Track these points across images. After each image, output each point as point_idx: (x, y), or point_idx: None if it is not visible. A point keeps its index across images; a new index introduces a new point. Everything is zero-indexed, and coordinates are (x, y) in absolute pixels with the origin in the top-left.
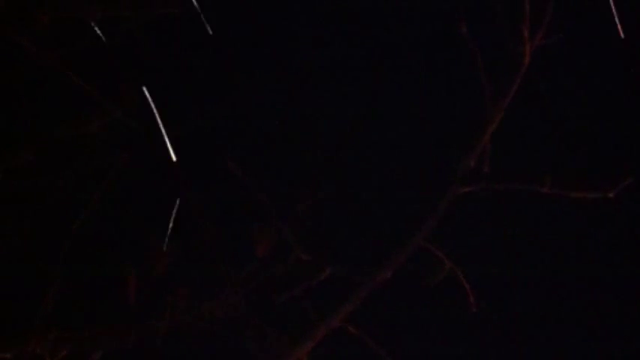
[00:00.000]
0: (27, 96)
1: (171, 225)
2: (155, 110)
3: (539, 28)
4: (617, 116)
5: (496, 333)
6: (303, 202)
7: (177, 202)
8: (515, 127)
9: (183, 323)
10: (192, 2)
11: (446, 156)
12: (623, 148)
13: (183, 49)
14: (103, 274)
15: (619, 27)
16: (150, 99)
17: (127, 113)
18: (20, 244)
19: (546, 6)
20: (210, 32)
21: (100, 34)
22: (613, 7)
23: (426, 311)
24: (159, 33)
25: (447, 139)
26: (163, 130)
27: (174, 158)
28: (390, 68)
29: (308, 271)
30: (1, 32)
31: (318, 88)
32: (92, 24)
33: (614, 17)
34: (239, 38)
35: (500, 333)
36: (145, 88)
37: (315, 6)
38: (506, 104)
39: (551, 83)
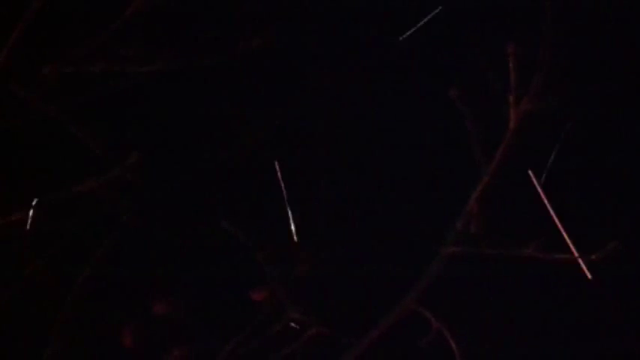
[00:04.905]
0: (28, 150)
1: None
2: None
3: (525, 94)
4: (602, 178)
5: None
6: (302, 265)
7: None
8: (503, 188)
9: None
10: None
11: (433, 218)
12: (610, 211)
13: (184, 106)
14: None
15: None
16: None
17: (127, 170)
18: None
19: (534, 72)
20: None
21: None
22: None
23: None
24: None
25: (434, 202)
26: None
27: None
28: (380, 131)
29: (298, 331)
30: (3, 85)
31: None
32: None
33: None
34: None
35: None
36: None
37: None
38: (493, 167)
39: (537, 146)
